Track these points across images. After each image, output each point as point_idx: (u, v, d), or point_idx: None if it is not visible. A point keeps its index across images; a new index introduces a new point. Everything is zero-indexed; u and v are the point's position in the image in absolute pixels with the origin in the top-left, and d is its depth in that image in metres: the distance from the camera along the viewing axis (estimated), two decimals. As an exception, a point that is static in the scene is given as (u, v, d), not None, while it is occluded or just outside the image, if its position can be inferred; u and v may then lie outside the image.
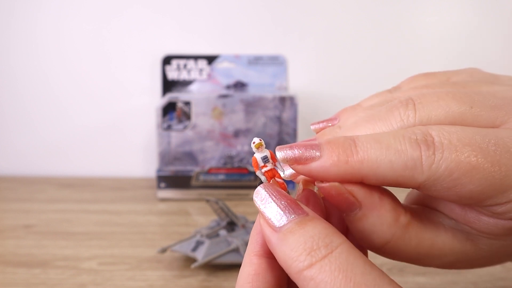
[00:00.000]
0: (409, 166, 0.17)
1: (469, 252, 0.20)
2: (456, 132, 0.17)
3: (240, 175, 0.59)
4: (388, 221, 0.19)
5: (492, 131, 0.18)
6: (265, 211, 0.18)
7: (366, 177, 0.18)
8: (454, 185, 0.17)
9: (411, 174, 0.17)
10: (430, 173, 0.17)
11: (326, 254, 0.16)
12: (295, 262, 0.16)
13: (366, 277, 0.16)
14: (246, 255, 0.19)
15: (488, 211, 0.18)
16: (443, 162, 0.17)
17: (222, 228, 0.42)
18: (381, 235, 0.19)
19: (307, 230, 0.17)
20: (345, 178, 0.18)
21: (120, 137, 0.72)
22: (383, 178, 0.18)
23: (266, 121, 0.61)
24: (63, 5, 0.70)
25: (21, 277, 0.37)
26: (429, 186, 0.17)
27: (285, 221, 0.17)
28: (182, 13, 0.71)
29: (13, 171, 0.72)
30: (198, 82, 0.66)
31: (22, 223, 0.50)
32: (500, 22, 0.72)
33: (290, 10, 0.71)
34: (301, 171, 0.19)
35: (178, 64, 0.65)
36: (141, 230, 0.48)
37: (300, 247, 0.16)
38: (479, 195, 0.17)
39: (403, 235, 0.19)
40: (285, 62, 0.66)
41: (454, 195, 0.17)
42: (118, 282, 0.36)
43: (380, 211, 0.18)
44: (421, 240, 0.19)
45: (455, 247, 0.20)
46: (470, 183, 0.17)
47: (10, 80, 0.71)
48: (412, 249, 0.19)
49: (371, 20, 0.72)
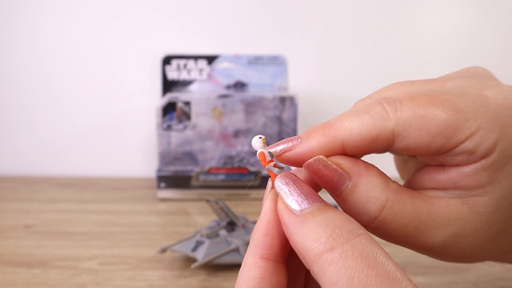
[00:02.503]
0: (378, 117, 0.19)
1: (467, 218, 0.20)
2: (408, 91, 0.20)
3: (240, 175, 0.59)
4: (379, 185, 0.19)
5: (434, 88, 0.21)
6: (285, 196, 0.18)
7: (345, 142, 0.19)
8: (422, 123, 0.19)
9: (382, 123, 0.19)
10: (396, 117, 0.19)
11: (349, 239, 0.16)
12: (314, 244, 0.16)
13: (387, 268, 0.15)
14: (250, 258, 0.19)
15: (464, 155, 0.19)
16: (404, 105, 0.19)
17: (222, 228, 0.42)
18: (376, 202, 0.19)
19: (329, 215, 0.17)
20: (327, 149, 0.19)
21: (120, 137, 0.72)
22: (360, 137, 0.19)
23: (266, 121, 0.61)
24: (63, 5, 0.70)
25: (21, 277, 0.37)
26: (401, 132, 0.19)
27: (306, 205, 0.17)
28: (182, 13, 0.71)
29: (13, 171, 0.72)
30: (198, 82, 0.66)
31: (22, 223, 0.50)
32: (500, 22, 0.72)
33: (290, 10, 0.71)
34: (290, 158, 0.20)
35: (178, 64, 0.65)
36: (141, 230, 0.48)
37: (321, 230, 0.16)
38: (446, 128, 0.19)
39: (397, 198, 0.19)
40: (285, 62, 0.66)
41: (426, 135, 0.19)
42: (118, 282, 0.36)
43: (369, 177, 0.19)
44: (417, 206, 0.20)
45: (451, 214, 0.20)
46: (434, 117, 0.19)
47: (10, 80, 0.71)
48: (410, 215, 0.19)
49: (371, 20, 0.72)
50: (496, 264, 0.39)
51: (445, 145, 0.19)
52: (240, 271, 0.19)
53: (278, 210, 0.18)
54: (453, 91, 0.20)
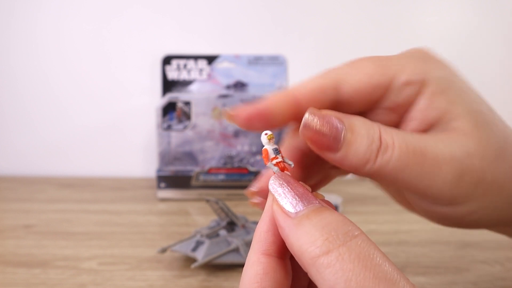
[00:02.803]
0: (323, 75, 0.23)
1: (459, 140, 0.21)
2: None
3: (240, 175, 0.59)
4: (366, 119, 0.20)
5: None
6: (280, 198, 0.18)
7: (298, 94, 0.21)
8: (358, 70, 0.22)
9: (324, 77, 0.22)
10: (337, 70, 0.22)
11: (345, 241, 0.16)
12: (310, 248, 0.16)
13: (384, 269, 0.15)
14: (252, 254, 0.19)
15: (405, 92, 0.21)
16: (346, 63, 0.23)
17: (222, 228, 0.42)
18: (374, 133, 0.20)
19: (324, 216, 0.16)
20: (286, 101, 0.21)
21: (120, 137, 0.72)
22: (310, 90, 0.21)
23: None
24: (63, 5, 0.70)
25: (21, 277, 0.37)
26: (342, 81, 0.22)
27: (301, 207, 0.17)
28: (182, 13, 0.71)
29: (13, 171, 0.72)
30: (198, 82, 0.66)
31: (22, 223, 0.50)
32: (500, 22, 0.72)
33: (290, 10, 0.71)
34: (250, 111, 0.21)
35: (178, 64, 0.65)
36: (141, 230, 0.48)
37: (316, 233, 0.16)
38: (378, 69, 0.22)
39: (386, 128, 0.20)
40: (285, 62, 0.66)
41: (364, 77, 0.22)
42: (118, 282, 0.36)
43: (355, 115, 0.20)
44: (406, 133, 0.20)
45: (442, 135, 0.21)
46: (368, 63, 0.22)
47: (10, 80, 0.71)
48: (401, 137, 0.20)
49: (371, 20, 0.72)
50: (496, 264, 0.39)
51: (380, 80, 0.21)
52: (244, 268, 0.19)
53: (274, 213, 0.18)
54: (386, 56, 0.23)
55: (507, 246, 0.42)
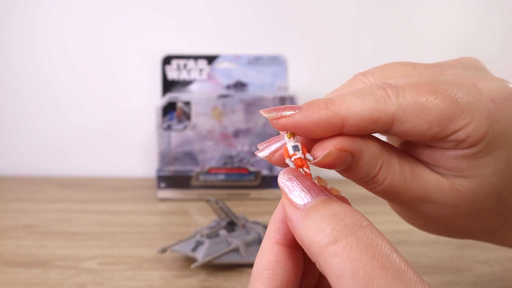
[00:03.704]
0: (380, 99, 0.19)
1: (448, 190, 0.21)
2: (409, 78, 0.21)
3: (240, 175, 0.59)
4: (377, 151, 0.20)
5: (434, 77, 0.21)
6: (288, 190, 0.18)
7: (345, 119, 0.19)
8: (421, 111, 0.19)
9: (384, 107, 0.19)
10: (398, 102, 0.19)
11: (353, 231, 0.16)
12: (318, 237, 0.16)
13: (392, 259, 0.15)
14: (266, 242, 0.19)
15: (453, 142, 0.20)
16: (406, 92, 0.20)
17: (222, 228, 0.42)
18: (375, 167, 0.20)
19: (332, 207, 0.17)
20: (326, 123, 0.19)
21: (120, 137, 0.72)
22: (361, 117, 0.19)
23: (266, 121, 0.61)
24: (63, 5, 0.70)
25: (21, 277, 0.37)
26: (401, 117, 0.19)
27: (309, 199, 0.17)
28: (182, 13, 0.71)
29: (13, 171, 0.72)
30: (198, 82, 0.66)
31: (22, 223, 0.49)
32: (500, 22, 0.72)
33: (290, 10, 0.71)
34: (285, 124, 0.20)
35: (178, 64, 0.65)
36: (141, 230, 0.48)
37: (324, 223, 0.16)
38: (443, 118, 0.19)
39: (389, 159, 0.21)
40: (285, 62, 0.66)
41: (424, 123, 0.19)
42: (118, 282, 0.36)
43: (368, 149, 0.20)
44: (403, 167, 0.21)
45: (432, 181, 0.21)
46: (433, 106, 0.19)
47: (10, 80, 0.71)
48: (398, 174, 0.21)
49: (371, 20, 0.72)
50: (496, 264, 0.39)
51: (440, 133, 0.20)
52: (257, 256, 0.20)
53: (282, 206, 0.18)
54: (451, 81, 0.21)
55: (507, 246, 0.42)
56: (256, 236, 0.41)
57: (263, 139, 0.61)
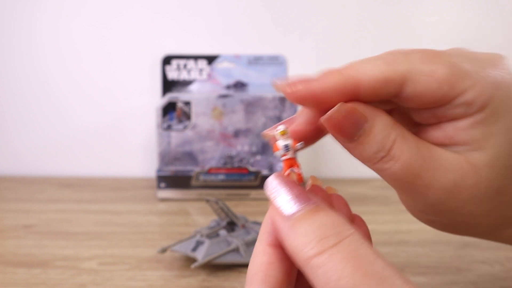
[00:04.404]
0: (390, 61, 0.20)
1: (467, 169, 0.21)
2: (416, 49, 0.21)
3: (240, 175, 0.59)
4: (390, 122, 0.20)
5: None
6: (276, 199, 0.18)
7: (360, 82, 0.20)
8: (430, 70, 0.20)
9: (394, 67, 0.20)
10: (408, 63, 0.20)
11: (336, 242, 0.16)
12: (304, 249, 0.16)
13: (375, 267, 0.16)
14: (258, 245, 0.20)
15: (462, 105, 0.20)
16: (415, 54, 0.20)
17: (222, 228, 0.42)
18: (389, 137, 0.20)
19: (317, 218, 0.17)
20: (342, 88, 0.20)
21: (120, 137, 0.72)
22: (375, 79, 0.20)
23: (266, 121, 0.61)
24: (63, 5, 0.70)
25: (21, 277, 0.37)
26: (412, 76, 0.20)
27: (295, 209, 0.18)
28: (182, 13, 0.71)
29: (13, 171, 0.72)
30: (198, 82, 0.66)
31: (22, 223, 0.49)
32: (500, 22, 0.72)
33: (290, 10, 0.71)
34: (304, 95, 0.20)
35: (178, 64, 0.65)
36: (141, 230, 0.48)
37: (310, 235, 0.17)
38: (451, 76, 0.20)
39: (403, 134, 0.20)
40: (285, 62, 0.66)
41: (434, 81, 0.20)
42: (118, 282, 0.36)
43: (381, 116, 0.20)
44: (419, 144, 0.21)
45: (452, 162, 0.21)
46: (440, 65, 0.20)
47: (10, 80, 0.71)
48: (414, 150, 0.20)
49: (371, 20, 0.72)
50: (496, 264, 0.39)
51: (449, 93, 0.20)
52: (251, 258, 0.20)
53: (271, 215, 0.19)
54: (454, 53, 0.21)
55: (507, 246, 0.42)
56: (256, 236, 0.41)
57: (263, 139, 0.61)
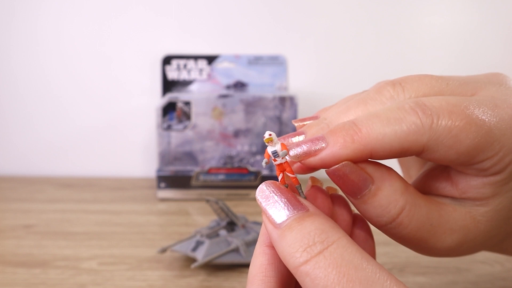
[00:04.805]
0: (412, 130, 0.18)
1: (470, 226, 0.21)
2: (444, 99, 0.19)
3: (240, 175, 0.59)
4: (400, 188, 0.19)
5: (469, 98, 0.20)
6: (266, 208, 0.18)
7: (374, 151, 0.19)
8: (454, 142, 0.18)
9: (415, 138, 0.18)
10: (431, 132, 0.18)
11: (321, 250, 0.16)
12: (292, 258, 0.17)
13: (361, 272, 0.16)
14: (258, 246, 0.20)
15: (476, 170, 0.20)
16: (441, 120, 0.18)
17: (222, 228, 0.42)
18: (396, 204, 0.19)
19: (304, 226, 0.17)
20: (355, 157, 0.19)
21: (120, 137, 0.72)
22: (390, 148, 0.18)
23: (266, 121, 0.61)
24: (63, 5, 0.70)
25: (21, 277, 0.37)
26: (432, 147, 0.19)
27: (284, 217, 0.18)
28: (182, 13, 0.71)
29: (13, 171, 0.72)
30: (198, 82, 0.66)
31: (22, 223, 0.50)
32: (501, 21, 0.72)
33: (290, 10, 0.71)
34: (314, 163, 0.19)
35: (178, 64, 0.65)
36: (141, 230, 0.48)
37: (296, 244, 0.17)
38: (474, 150, 0.19)
39: (415, 201, 0.20)
40: (285, 62, 0.66)
41: (454, 154, 0.19)
42: (118, 282, 0.36)
43: (391, 181, 0.19)
44: (430, 210, 0.20)
45: (458, 221, 0.21)
46: (467, 138, 0.19)
47: (10, 80, 0.71)
48: (424, 218, 0.20)
49: (371, 20, 0.72)
50: (496, 264, 0.39)
51: (467, 162, 0.19)
52: (251, 259, 0.20)
53: (263, 223, 0.19)
54: (486, 104, 0.20)
55: (507, 246, 0.42)
56: (256, 236, 0.41)
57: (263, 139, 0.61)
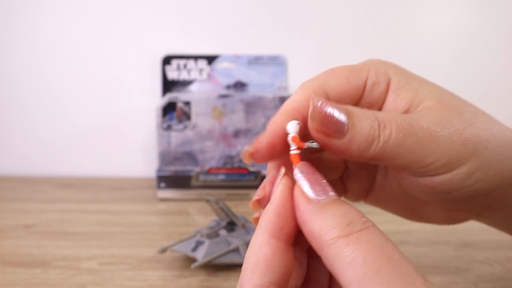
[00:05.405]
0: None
1: (460, 148, 0.22)
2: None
3: (240, 175, 0.59)
4: (370, 112, 0.21)
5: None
6: (304, 183, 0.19)
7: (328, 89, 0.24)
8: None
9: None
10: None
11: (361, 228, 0.17)
12: (332, 229, 0.17)
13: (397, 254, 0.17)
14: (260, 236, 0.19)
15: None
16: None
17: (222, 228, 0.42)
18: (372, 114, 0.21)
19: (343, 206, 0.18)
20: (287, 117, 0.23)
21: (120, 137, 0.72)
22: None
23: (266, 121, 0.61)
24: (63, 5, 0.70)
25: (21, 277, 0.37)
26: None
27: (323, 195, 0.19)
28: (182, 13, 0.71)
29: (13, 171, 0.72)
30: (198, 82, 0.66)
31: (22, 223, 0.50)
32: (501, 21, 0.72)
33: (290, 10, 0.71)
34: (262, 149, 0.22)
35: (178, 64, 0.65)
36: (141, 230, 0.48)
37: (338, 218, 0.18)
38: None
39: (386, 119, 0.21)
40: (285, 62, 0.66)
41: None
42: (118, 282, 0.36)
43: (361, 109, 0.21)
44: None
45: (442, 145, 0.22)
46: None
47: (10, 80, 0.71)
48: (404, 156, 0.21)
49: (371, 20, 0.72)
50: (496, 264, 0.39)
51: (358, 83, 0.24)
52: (250, 249, 0.19)
53: (295, 197, 0.19)
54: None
55: (507, 246, 0.42)
56: (256, 236, 0.41)
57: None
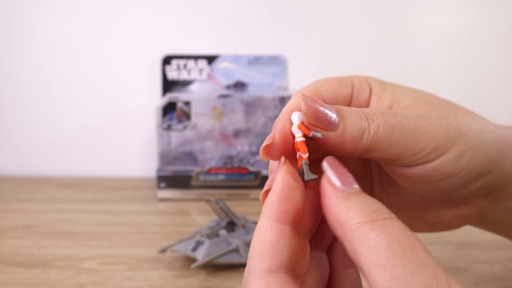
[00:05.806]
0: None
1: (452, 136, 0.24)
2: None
3: (240, 175, 0.59)
4: (358, 110, 0.23)
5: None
6: (331, 173, 0.20)
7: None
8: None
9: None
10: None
11: (387, 217, 0.18)
12: (358, 215, 0.18)
13: (420, 244, 0.18)
14: (265, 222, 0.20)
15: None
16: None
17: (222, 228, 0.42)
18: (363, 117, 0.22)
19: (368, 197, 0.19)
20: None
21: (120, 137, 0.72)
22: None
23: (266, 121, 0.61)
24: (63, 5, 0.70)
25: (21, 277, 0.37)
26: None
27: (349, 186, 0.20)
28: (182, 13, 0.71)
29: (13, 171, 0.72)
30: (198, 82, 0.66)
31: (22, 223, 0.50)
32: (501, 21, 0.72)
33: (290, 10, 0.71)
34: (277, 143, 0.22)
35: (178, 64, 0.65)
36: (141, 230, 0.48)
37: (364, 205, 0.19)
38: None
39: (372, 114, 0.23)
40: (285, 62, 0.66)
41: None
42: (118, 282, 0.36)
43: (348, 107, 0.23)
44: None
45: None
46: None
47: (10, 80, 0.71)
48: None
49: (371, 20, 0.72)
50: (496, 264, 0.39)
51: (347, 90, 0.26)
52: (255, 236, 0.20)
53: (323, 185, 0.20)
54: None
55: (507, 246, 0.42)
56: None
57: (263, 139, 0.61)
